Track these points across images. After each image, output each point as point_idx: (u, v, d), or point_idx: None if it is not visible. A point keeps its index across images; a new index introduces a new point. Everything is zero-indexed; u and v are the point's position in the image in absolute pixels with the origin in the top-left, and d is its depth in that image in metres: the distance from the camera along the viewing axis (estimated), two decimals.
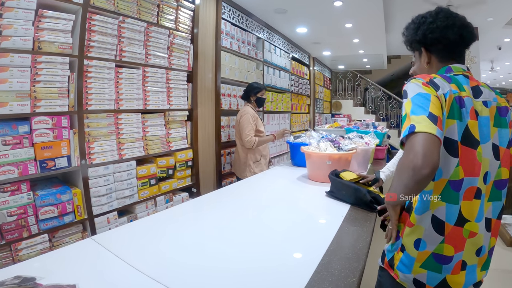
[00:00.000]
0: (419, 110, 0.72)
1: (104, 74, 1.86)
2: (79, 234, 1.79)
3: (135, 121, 2.06)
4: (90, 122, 1.82)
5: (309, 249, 0.95)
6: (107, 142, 1.91)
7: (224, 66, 2.98)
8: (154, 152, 2.20)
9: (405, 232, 0.83)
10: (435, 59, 0.89)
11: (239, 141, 2.58)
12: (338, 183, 1.44)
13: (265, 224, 1.18)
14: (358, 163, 2.13)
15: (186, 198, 2.52)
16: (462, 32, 0.83)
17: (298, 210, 1.39)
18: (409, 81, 0.81)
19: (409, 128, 0.70)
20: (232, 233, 1.08)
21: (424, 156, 0.65)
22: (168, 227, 1.14)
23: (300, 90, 5.54)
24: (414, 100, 0.75)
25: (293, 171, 2.13)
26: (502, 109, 0.84)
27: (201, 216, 1.28)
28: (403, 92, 0.82)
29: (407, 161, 0.68)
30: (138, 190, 2.12)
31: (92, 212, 1.82)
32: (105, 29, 1.84)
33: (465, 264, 0.79)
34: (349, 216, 1.23)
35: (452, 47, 0.86)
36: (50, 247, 1.64)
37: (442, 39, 0.85)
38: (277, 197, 1.58)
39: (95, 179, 1.84)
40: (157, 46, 2.17)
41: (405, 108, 0.77)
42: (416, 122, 0.70)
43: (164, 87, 2.24)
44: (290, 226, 1.16)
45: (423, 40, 0.88)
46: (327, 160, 1.80)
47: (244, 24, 3.44)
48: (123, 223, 2.03)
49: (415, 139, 0.68)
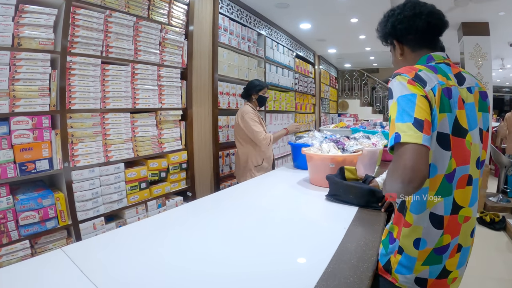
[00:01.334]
0: (404, 116, 0.71)
1: (89, 71, 1.78)
2: (64, 240, 1.73)
3: (124, 121, 1.96)
4: (74, 122, 1.75)
5: (313, 256, 0.89)
6: (92, 143, 1.83)
7: (222, 63, 2.87)
8: (144, 154, 2.10)
9: (402, 233, 0.82)
10: (408, 49, 0.91)
11: (239, 143, 2.43)
12: (346, 186, 1.35)
13: (259, 236, 1.06)
14: (364, 166, 1.98)
15: (180, 202, 2.41)
16: (430, 20, 0.85)
17: (298, 216, 1.26)
18: (394, 78, 0.79)
19: (395, 138, 0.69)
20: (223, 242, 0.97)
21: (412, 170, 0.65)
22: (148, 238, 1.04)
23: (305, 89, 5.41)
24: (400, 102, 0.73)
25: (294, 174, 2.00)
26: (483, 93, 0.86)
27: (186, 224, 1.16)
28: (388, 89, 0.80)
29: (396, 174, 0.68)
30: (127, 195, 2.03)
31: (77, 217, 1.75)
32: (90, 24, 1.76)
33: (460, 246, 0.82)
34: (356, 219, 1.13)
35: (422, 36, 0.87)
36: (32, 254, 1.58)
37: (410, 29, 0.87)
38: (274, 204, 1.44)
39: (79, 182, 1.77)
40: (147, 42, 2.07)
41: (391, 110, 0.75)
42: (401, 131, 0.69)
43: (155, 85, 2.13)
44: (290, 233, 1.06)
45: (393, 32, 0.91)
46: (329, 163, 1.66)
47: (244, 19, 3.33)
48: (111, 229, 1.95)
49: (401, 150, 0.68)
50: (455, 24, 4.29)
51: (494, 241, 2.86)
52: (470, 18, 4.07)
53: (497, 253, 2.60)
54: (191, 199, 2.50)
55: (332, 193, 1.41)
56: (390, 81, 0.80)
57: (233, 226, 1.13)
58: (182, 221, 1.20)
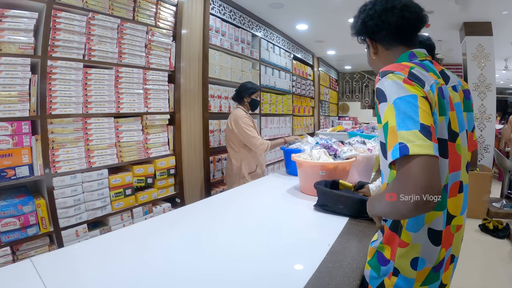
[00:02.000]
0: (407, 122, 0.60)
1: (70, 75, 1.77)
2: (46, 247, 1.73)
3: (107, 126, 1.93)
4: (55, 127, 1.73)
5: (286, 280, 0.81)
6: (74, 149, 1.81)
7: (214, 65, 2.84)
8: (129, 159, 2.07)
9: (398, 254, 0.74)
10: (381, 48, 0.83)
11: (232, 149, 2.38)
12: (335, 195, 1.29)
13: (231, 251, 1.00)
14: (359, 172, 1.92)
15: (168, 209, 2.37)
16: (404, 14, 0.77)
17: (281, 231, 1.18)
18: (384, 77, 0.69)
19: (400, 150, 0.58)
20: (192, 251, 0.92)
21: (428, 189, 0.55)
22: (126, 248, 1.00)
23: (303, 92, 5.36)
24: (398, 105, 0.63)
25: (286, 181, 1.94)
26: (466, 92, 0.82)
27: (157, 238, 1.12)
28: (377, 91, 0.70)
29: (406, 195, 0.57)
30: (112, 201, 2.00)
31: (59, 224, 1.74)
32: (72, 27, 1.75)
33: (453, 257, 0.79)
34: (344, 234, 1.08)
35: (396, 32, 0.80)
36: (13, 260, 1.58)
37: (382, 25, 0.79)
38: (257, 216, 1.37)
39: (60, 189, 1.76)
40: (133, 44, 2.04)
41: (385, 115, 0.65)
42: (407, 141, 0.58)
43: (140, 89, 2.10)
44: (266, 252, 0.98)
45: (364, 29, 0.83)
46: (320, 171, 1.60)
47: (238, 20, 3.30)
48: (95, 236, 1.92)
49: (412, 166, 0.57)
50: (457, 24, 4.23)
51: (497, 250, 2.78)
52: (473, 17, 4.00)
53: (500, 263, 2.52)
54: (180, 205, 2.46)
55: (320, 203, 1.35)
56: (378, 81, 0.70)
57: (212, 239, 1.08)
58: (155, 234, 1.15)
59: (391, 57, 0.81)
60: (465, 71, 4.25)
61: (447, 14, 3.80)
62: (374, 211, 0.79)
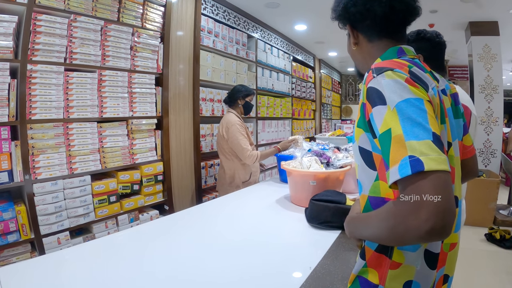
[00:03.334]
0: (417, 130, 0.50)
1: (51, 79, 1.75)
2: (28, 254, 1.71)
3: (90, 131, 1.91)
4: (35, 133, 1.72)
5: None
6: (54, 155, 1.79)
7: (206, 68, 2.81)
8: (113, 165, 2.04)
9: (388, 276, 0.65)
10: (363, 38, 0.74)
11: (224, 156, 2.32)
12: (324, 207, 1.24)
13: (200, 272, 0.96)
14: (355, 181, 1.85)
15: (156, 216, 2.33)
16: (393, 3, 0.67)
17: (261, 249, 1.10)
18: (380, 74, 0.59)
19: (412, 165, 0.48)
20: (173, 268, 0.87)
21: (447, 211, 0.46)
22: (100, 259, 0.97)
23: (304, 94, 5.31)
24: (403, 110, 0.53)
25: (278, 190, 1.90)
26: (455, 96, 0.75)
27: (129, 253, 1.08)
28: (369, 91, 0.60)
29: (416, 222, 0.47)
30: (95, 208, 1.97)
31: (40, 231, 1.73)
32: (53, 30, 1.73)
33: (447, 277, 0.72)
34: (331, 253, 1.02)
35: (382, 23, 0.70)
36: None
37: (367, 13, 0.70)
38: (236, 231, 1.29)
39: (41, 196, 1.74)
40: (117, 46, 2.01)
41: (385, 121, 0.54)
42: (419, 154, 0.48)
43: (125, 92, 2.07)
44: (238, 276, 0.91)
45: (346, 15, 0.74)
46: (310, 180, 1.55)
47: (232, 21, 3.27)
48: (77, 243, 1.91)
49: (427, 184, 0.47)
50: (462, 23, 4.15)
51: (504, 261, 2.68)
52: (478, 17, 3.92)
53: (507, 277, 2.42)
54: (169, 212, 2.42)
55: (323, 220, 1.25)
56: (370, 78, 0.60)
57: (183, 253, 1.04)
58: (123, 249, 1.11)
59: (374, 50, 0.73)
60: (471, 72, 4.16)
61: (452, 13, 3.73)
62: (360, 234, 0.66)
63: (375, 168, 0.65)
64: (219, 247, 1.09)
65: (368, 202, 0.68)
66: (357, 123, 0.67)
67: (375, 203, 0.66)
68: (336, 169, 1.63)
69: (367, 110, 0.60)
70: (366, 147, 0.65)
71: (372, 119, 0.58)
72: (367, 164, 0.66)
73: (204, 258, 1.01)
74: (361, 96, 0.64)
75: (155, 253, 1.03)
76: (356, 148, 0.69)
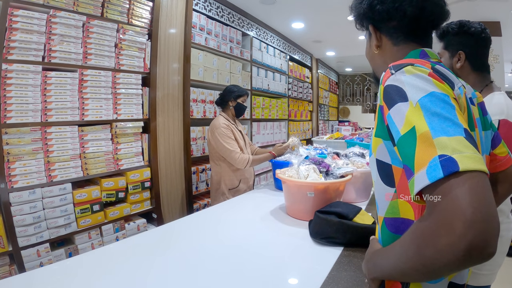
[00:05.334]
0: (446, 125, 0.43)
1: (27, 79, 1.65)
2: (6, 267, 1.63)
3: (70, 136, 1.80)
4: (10, 138, 1.61)
5: None
6: (32, 161, 1.69)
7: (197, 67, 2.71)
8: (96, 172, 1.93)
9: None
10: (388, 41, 0.69)
11: (212, 161, 2.22)
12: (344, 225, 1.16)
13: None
14: (356, 191, 1.76)
15: (143, 225, 2.23)
16: (425, 4, 0.63)
17: (255, 274, 1.00)
18: (399, 70, 0.53)
19: (443, 165, 0.39)
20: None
21: (487, 224, 0.36)
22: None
23: (300, 95, 5.24)
24: (427, 105, 0.46)
25: (272, 199, 1.80)
26: (482, 105, 0.69)
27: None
28: (387, 89, 0.53)
29: (449, 239, 0.37)
30: (77, 218, 1.87)
31: (18, 243, 1.64)
32: (30, 26, 1.63)
33: None
34: (332, 280, 0.91)
35: (410, 25, 0.65)
36: None
37: (395, 13, 0.65)
38: (224, 249, 1.17)
39: (18, 205, 1.65)
40: (100, 44, 1.91)
41: (408, 119, 0.47)
42: (452, 151, 0.40)
43: (109, 93, 1.97)
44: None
45: (370, 14, 0.69)
46: (308, 192, 1.45)
47: (226, 18, 3.17)
48: (59, 256, 1.84)
49: (461, 189, 0.38)
50: None
51: (510, 270, 2.61)
52: (480, 17, 3.88)
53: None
54: (157, 221, 2.32)
55: (328, 236, 1.17)
56: (388, 76, 0.54)
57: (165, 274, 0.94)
58: None
59: (399, 55, 0.67)
60: None
61: (453, 13, 3.65)
62: (381, 270, 0.54)
63: (394, 184, 0.58)
64: (206, 267, 1.00)
65: (384, 224, 0.61)
66: (375, 132, 0.61)
67: (392, 225, 0.59)
68: (336, 178, 1.54)
69: (384, 113, 0.53)
70: (385, 159, 0.58)
71: (391, 120, 0.50)
72: (384, 180, 0.60)
73: (190, 278, 0.91)
74: (378, 99, 0.58)
75: (141, 268, 0.93)
76: (373, 162, 0.63)
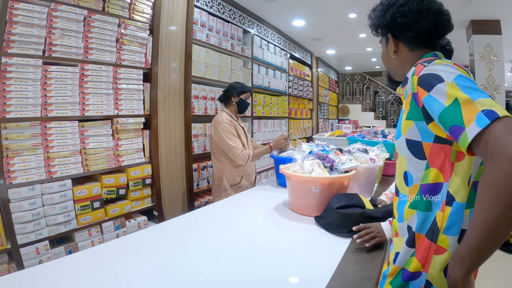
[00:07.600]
0: (479, 92, 0.58)
1: (27, 74, 1.62)
2: (5, 265, 1.60)
3: (70, 131, 1.78)
4: (9, 133, 1.58)
5: None
6: (31, 157, 1.66)
7: (198, 63, 2.69)
8: (96, 168, 1.91)
9: (432, 263, 0.68)
10: (405, 48, 0.84)
11: (214, 157, 2.21)
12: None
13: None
14: (360, 186, 1.76)
15: (144, 222, 2.21)
16: (438, 20, 0.79)
17: (259, 275, 0.97)
18: (431, 63, 0.69)
19: (487, 115, 0.53)
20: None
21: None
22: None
23: (301, 93, 5.23)
24: (460, 82, 0.61)
25: (275, 195, 1.79)
26: None
27: None
28: (424, 77, 0.67)
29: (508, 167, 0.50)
30: (77, 215, 1.84)
31: (17, 241, 1.62)
32: (31, 19, 1.60)
33: None
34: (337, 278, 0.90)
35: (424, 36, 0.80)
36: None
37: (413, 25, 0.79)
38: (223, 249, 1.13)
39: (17, 202, 1.62)
40: (101, 38, 1.88)
41: (449, 94, 0.61)
42: (490, 106, 0.55)
43: (110, 88, 1.94)
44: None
45: (391, 25, 0.83)
46: (312, 187, 1.44)
47: (227, 14, 3.15)
48: (58, 253, 1.81)
49: (505, 128, 0.52)
50: (463, 22, 4.11)
51: (508, 267, 2.62)
52: (480, 15, 3.89)
53: (510, 284, 2.36)
54: (158, 218, 2.30)
55: (336, 225, 1.25)
56: (422, 68, 0.69)
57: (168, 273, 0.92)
58: None
59: (414, 59, 0.81)
60: (472, 72, 4.12)
61: (453, 11, 3.61)
62: (470, 254, 0.56)
63: (425, 157, 0.70)
64: (209, 264, 0.98)
65: (419, 191, 0.72)
66: (406, 116, 0.73)
67: (425, 189, 0.70)
68: (341, 173, 1.53)
69: (420, 97, 0.67)
70: (415, 138, 0.71)
71: (432, 99, 0.63)
72: (415, 155, 0.72)
73: (196, 274, 0.90)
74: (409, 89, 0.71)
75: (145, 265, 0.92)
76: (402, 142, 0.75)
